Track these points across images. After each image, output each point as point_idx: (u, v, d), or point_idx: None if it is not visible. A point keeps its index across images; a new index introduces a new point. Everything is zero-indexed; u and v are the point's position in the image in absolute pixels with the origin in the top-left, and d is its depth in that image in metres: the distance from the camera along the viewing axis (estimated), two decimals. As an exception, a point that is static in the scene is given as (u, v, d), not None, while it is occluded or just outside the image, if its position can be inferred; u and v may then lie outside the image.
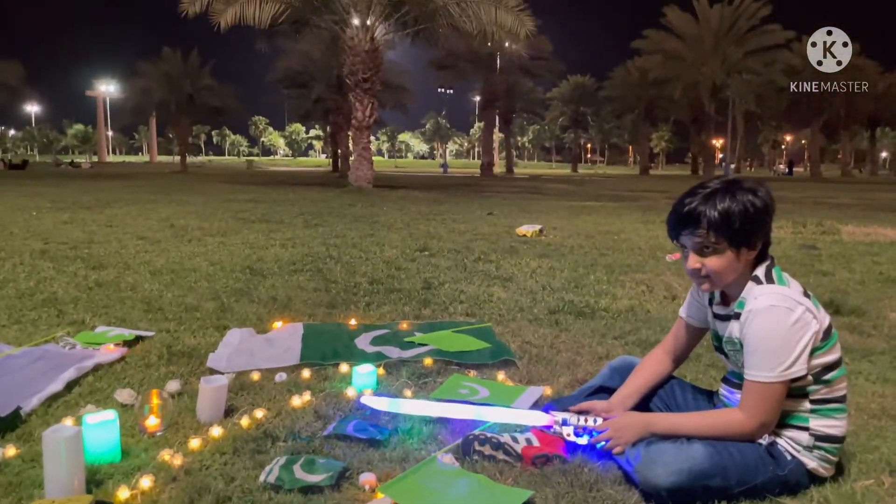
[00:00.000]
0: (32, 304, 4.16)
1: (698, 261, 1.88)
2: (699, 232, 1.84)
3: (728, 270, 1.88)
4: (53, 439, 1.81)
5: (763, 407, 1.84)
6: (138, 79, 44.90)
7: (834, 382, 1.90)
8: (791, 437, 1.90)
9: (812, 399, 1.89)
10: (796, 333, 1.79)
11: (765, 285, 1.87)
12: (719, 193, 1.85)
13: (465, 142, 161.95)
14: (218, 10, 17.53)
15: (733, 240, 1.84)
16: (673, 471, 1.78)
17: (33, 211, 10.63)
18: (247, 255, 6.27)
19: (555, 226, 9.42)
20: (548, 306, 4.30)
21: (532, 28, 18.44)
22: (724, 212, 1.81)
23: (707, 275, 1.89)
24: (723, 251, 1.85)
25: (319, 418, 2.40)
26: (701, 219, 1.83)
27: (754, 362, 1.83)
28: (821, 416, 1.89)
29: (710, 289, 1.95)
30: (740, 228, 1.82)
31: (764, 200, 1.87)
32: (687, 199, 1.89)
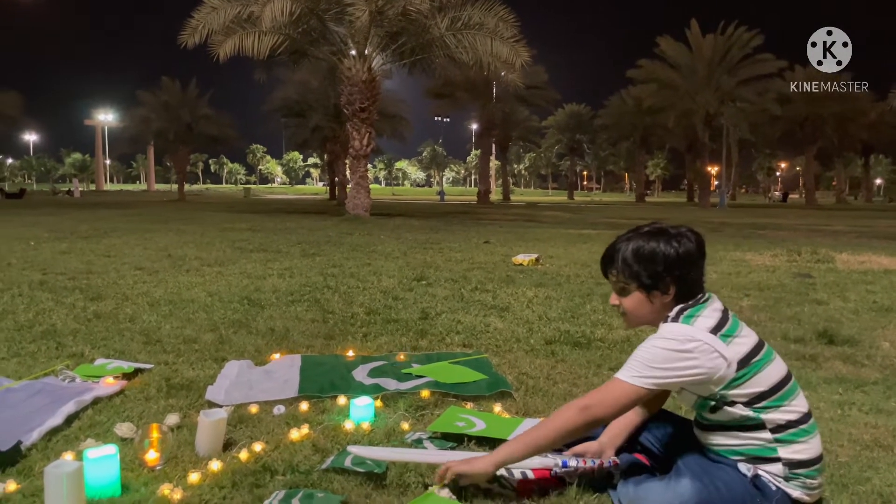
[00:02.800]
0: (31, 336, 4.18)
1: (617, 298, 2.07)
2: (612, 271, 2.03)
3: (639, 311, 2.03)
4: (55, 475, 1.83)
5: (598, 398, 1.93)
6: (137, 108, 45.33)
7: (781, 407, 1.90)
8: (767, 470, 1.92)
9: (770, 428, 1.91)
10: (674, 357, 1.86)
11: (669, 324, 1.95)
12: (639, 238, 2.00)
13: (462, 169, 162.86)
14: (217, 42, 17.75)
15: (641, 283, 1.97)
16: None
17: (31, 241, 10.65)
18: (245, 286, 6.30)
19: (551, 254, 9.48)
20: (544, 336, 4.33)
21: (527, 59, 18.71)
22: (632, 255, 1.97)
23: (624, 312, 2.06)
24: (632, 292, 2.00)
25: (317, 451, 2.42)
26: (616, 260, 2.00)
27: (626, 365, 1.94)
28: (786, 443, 1.90)
29: (630, 325, 2.11)
30: (646, 273, 1.96)
31: (684, 249, 1.96)
32: (616, 241, 2.05)
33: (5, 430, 2.49)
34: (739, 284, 6.73)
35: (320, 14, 17.96)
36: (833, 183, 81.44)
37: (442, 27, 18.21)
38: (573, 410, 1.92)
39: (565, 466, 2.10)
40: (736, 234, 15.10)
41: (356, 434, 2.61)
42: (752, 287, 6.56)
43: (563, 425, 1.92)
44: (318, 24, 18.51)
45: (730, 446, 1.96)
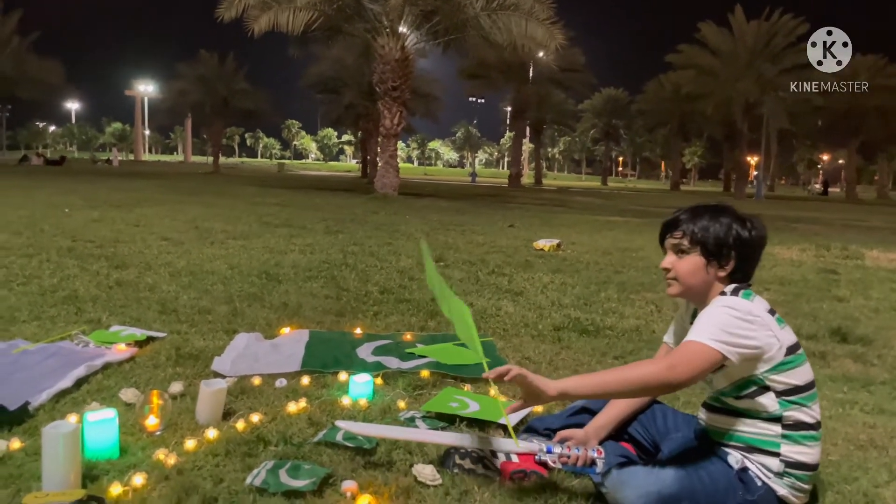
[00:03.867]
0: (53, 300, 4.32)
1: (670, 261, 2.03)
2: (676, 233, 2.01)
3: (692, 277, 1.99)
4: (52, 435, 1.91)
5: (683, 359, 1.84)
6: (175, 80, 45.81)
7: (804, 407, 1.92)
8: (761, 462, 1.93)
9: (784, 424, 1.92)
10: (741, 325, 1.85)
11: (728, 296, 1.95)
12: (709, 210, 2.02)
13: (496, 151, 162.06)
14: (252, 16, 17.85)
15: (705, 248, 1.97)
16: (642, 493, 1.82)
17: (66, 208, 10.91)
18: (265, 260, 6.40)
19: (574, 240, 9.44)
20: (553, 322, 4.34)
21: (562, 41, 18.49)
22: (707, 220, 1.98)
23: (675, 276, 2.02)
24: (691, 255, 1.98)
25: (312, 425, 2.48)
26: (681, 223, 2.00)
27: (695, 330, 1.88)
28: (792, 442, 1.92)
29: (675, 292, 2.05)
30: (713, 241, 1.96)
31: (757, 232, 2.00)
32: (675, 211, 2.07)
33: (16, 391, 2.60)
34: (761, 278, 6.64)
35: (355, -10, 17.94)
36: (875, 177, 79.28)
37: (477, 7, 18.08)
38: (660, 366, 1.86)
39: (549, 452, 2.12)
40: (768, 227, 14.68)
41: (353, 410, 2.66)
42: (773, 281, 6.48)
43: (642, 377, 1.86)
44: (352, 1, 18.49)
45: (735, 431, 1.97)
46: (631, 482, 1.86)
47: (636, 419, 2.27)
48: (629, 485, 1.85)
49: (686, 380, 1.84)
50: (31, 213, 9.92)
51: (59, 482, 1.89)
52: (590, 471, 2.08)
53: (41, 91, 38.96)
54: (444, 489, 2.02)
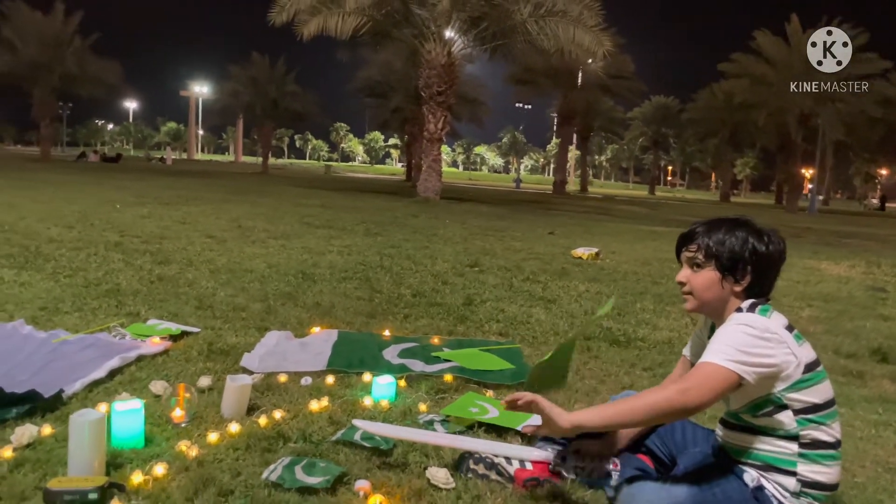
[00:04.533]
0: (97, 293, 4.47)
1: (686, 275, 1.98)
2: (691, 247, 1.97)
3: (707, 292, 1.95)
4: (79, 422, 1.98)
5: (696, 382, 1.80)
6: (228, 81, 46.87)
7: (823, 426, 1.88)
8: (778, 481, 1.89)
9: (802, 442, 1.87)
10: (758, 343, 1.80)
11: (745, 313, 1.90)
12: (726, 223, 1.97)
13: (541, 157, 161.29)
14: (302, 21, 18.18)
15: (719, 262, 1.92)
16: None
17: (117, 204, 11.26)
18: (303, 260, 6.50)
19: (614, 249, 9.34)
20: (584, 331, 4.31)
21: (610, 48, 18.33)
22: (723, 234, 1.93)
23: (689, 290, 1.98)
24: (706, 269, 1.94)
25: (333, 424, 2.52)
26: (696, 236, 1.96)
27: (712, 349, 1.84)
28: (810, 461, 1.87)
29: (691, 307, 2.00)
30: (728, 255, 1.91)
31: (774, 247, 1.93)
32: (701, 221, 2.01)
33: (52, 379, 2.70)
34: (805, 293, 6.48)
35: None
36: (937, 193, 76.35)
37: (525, 13, 18.06)
38: (670, 391, 1.81)
39: (564, 462, 2.12)
40: (817, 242, 14.43)
41: (374, 411, 2.69)
42: (817, 297, 6.30)
43: (655, 405, 1.80)
44: (400, 7, 18.66)
45: (752, 449, 1.93)
46: (642, 497, 1.84)
47: (654, 432, 2.24)
48: (640, 499, 1.83)
49: (700, 403, 1.79)
50: (83, 208, 10.26)
51: (84, 468, 1.96)
52: (604, 482, 2.07)
53: (101, 90, 40.15)
54: (456, 493, 2.03)
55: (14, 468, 2.01)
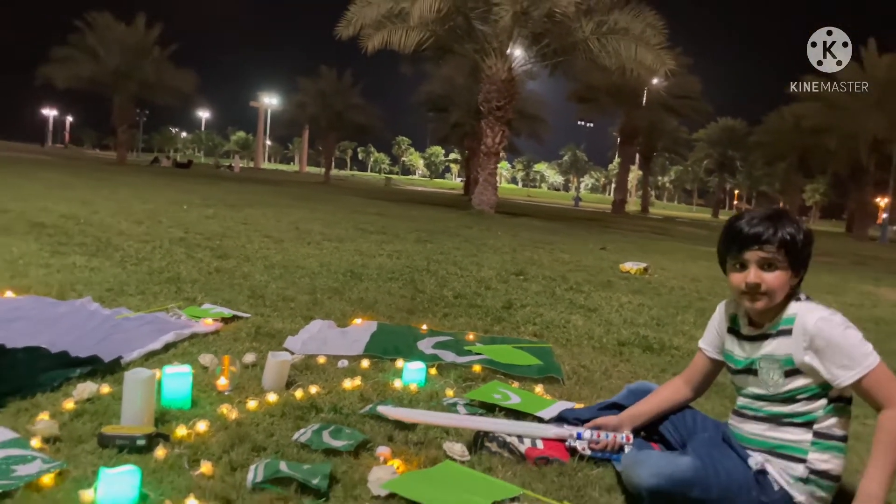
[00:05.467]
0: (159, 280, 4.78)
1: (759, 276, 1.97)
2: (768, 248, 1.95)
3: (782, 287, 1.97)
4: (132, 379, 2.21)
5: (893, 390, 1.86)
6: (296, 93, 48.32)
7: (841, 416, 1.96)
8: (785, 466, 1.96)
9: (816, 431, 1.95)
10: (855, 332, 1.92)
11: (807, 302, 2.00)
12: (783, 218, 1.99)
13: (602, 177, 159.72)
14: (367, 35, 18.69)
15: (793, 259, 1.97)
16: (655, 473, 1.90)
17: (184, 205, 11.80)
18: (353, 261, 6.73)
19: (664, 266, 9.30)
20: (619, 338, 4.38)
21: (672, 67, 18.23)
22: (792, 234, 1.95)
23: (766, 291, 1.96)
24: (784, 269, 1.96)
25: (363, 400, 2.69)
26: (772, 237, 1.94)
27: (851, 360, 1.87)
28: (821, 449, 1.94)
29: (765, 305, 1.99)
30: (801, 251, 1.97)
31: (812, 235, 2.02)
32: (752, 220, 1.99)
33: (113, 348, 2.96)
34: (856, 316, 6.33)
35: (466, 12, 18.44)
36: None
37: (587, 30, 18.15)
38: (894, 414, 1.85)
39: (580, 438, 2.24)
40: (881, 269, 13.98)
41: (402, 392, 2.85)
42: (868, 319, 6.18)
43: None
44: (463, 22, 18.99)
45: (762, 437, 2.03)
46: (647, 462, 1.95)
47: (668, 419, 2.34)
48: (644, 464, 1.94)
49: None
50: (153, 207, 10.81)
51: (135, 420, 2.18)
52: (616, 457, 2.17)
53: (176, 98, 42.04)
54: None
55: (74, 417, 2.24)
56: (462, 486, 1.97)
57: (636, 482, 1.93)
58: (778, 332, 2.00)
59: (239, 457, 2.05)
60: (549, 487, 2.04)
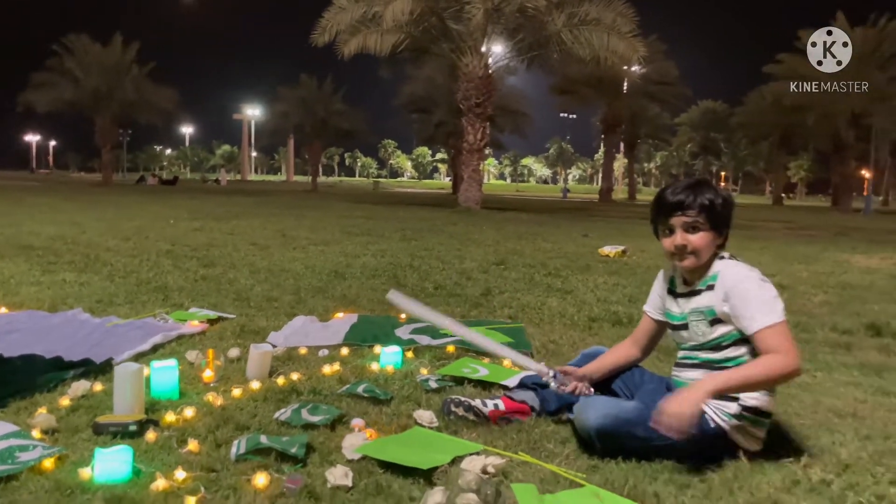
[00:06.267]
0: (146, 290, 4.96)
1: (685, 238, 2.21)
2: (690, 213, 2.19)
3: (707, 247, 2.22)
4: (122, 371, 2.39)
5: (789, 342, 2.09)
6: (278, 103, 48.37)
7: None
8: (719, 404, 2.16)
9: None
10: (770, 288, 2.14)
11: (730, 260, 2.24)
12: (703, 186, 2.25)
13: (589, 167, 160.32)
14: (343, 41, 18.86)
15: (714, 222, 2.21)
16: (601, 414, 2.11)
17: (171, 220, 11.96)
18: (338, 262, 6.92)
19: (643, 248, 9.50)
20: (590, 314, 4.59)
21: (644, 53, 18.48)
22: (711, 199, 2.20)
23: (693, 250, 2.21)
24: (706, 230, 2.20)
25: (341, 383, 2.87)
26: (693, 203, 2.19)
27: (757, 313, 2.09)
28: None
29: (693, 263, 2.23)
30: (720, 213, 2.21)
31: (731, 199, 2.28)
32: (675, 189, 2.26)
33: (104, 352, 3.14)
34: (825, 282, 6.58)
35: (439, 12, 18.62)
36: None
37: (559, 23, 18.37)
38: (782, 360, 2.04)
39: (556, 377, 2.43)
40: (861, 239, 14.22)
41: (379, 375, 3.04)
42: (835, 285, 6.41)
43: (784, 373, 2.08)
44: (437, 22, 19.18)
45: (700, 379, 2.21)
46: (594, 404, 2.16)
47: (619, 377, 2.54)
48: (592, 407, 2.15)
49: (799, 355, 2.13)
50: (140, 223, 10.97)
51: (126, 410, 2.36)
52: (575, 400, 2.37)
53: (158, 116, 42.08)
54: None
55: (70, 412, 2.43)
56: (428, 446, 2.16)
57: (585, 424, 2.14)
58: (706, 288, 2.23)
59: (224, 435, 2.24)
60: (508, 443, 2.23)
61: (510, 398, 2.49)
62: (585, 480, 1.96)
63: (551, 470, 2.03)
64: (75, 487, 1.83)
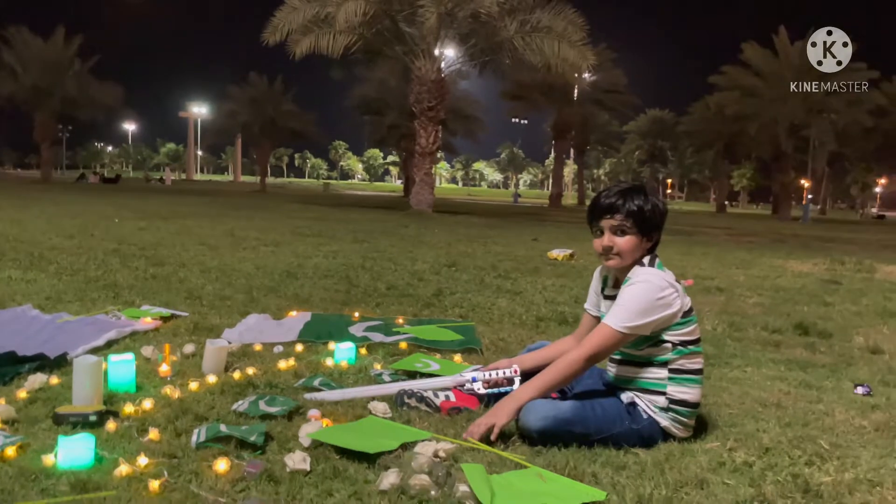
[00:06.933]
0: (96, 287, 4.93)
1: (612, 240, 2.38)
2: (618, 217, 2.36)
3: (632, 250, 2.38)
4: (81, 363, 2.43)
5: (598, 344, 2.33)
6: (226, 102, 47.70)
7: (690, 356, 2.36)
8: (650, 399, 2.35)
9: (670, 368, 2.34)
10: (657, 305, 2.29)
11: (646, 268, 2.38)
12: (634, 192, 2.40)
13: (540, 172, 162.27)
14: (294, 41, 18.79)
15: (641, 227, 2.36)
16: (541, 416, 2.25)
17: (116, 219, 11.75)
18: (290, 262, 6.95)
19: (590, 252, 9.76)
20: (538, 314, 4.76)
21: (594, 62, 18.95)
22: (639, 205, 2.35)
23: (618, 252, 2.38)
24: (633, 234, 2.36)
25: (296, 377, 2.96)
26: (622, 207, 2.35)
27: (614, 311, 2.32)
28: (676, 383, 2.34)
29: (617, 264, 2.41)
30: (648, 219, 2.36)
31: (663, 206, 2.44)
32: (608, 193, 2.43)
33: (58, 346, 3.15)
34: (759, 286, 6.92)
35: (393, 15, 18.74)
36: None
37: (511, 29, 18.68)
38: (581, 362, 2.32)
39: (474, 381, 2.57)
40: (797, 245, 14.88)
41: (334, 369, 3.13)
42: (769, 288, 6.75)
43: (572, 371, 2.35)
44: (390, 25, 19.28)
45: (631, 376, 2.43)
46: (534, 408, 2.29)
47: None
48: (532, 411, 2.28)
49: (601, 359, 2.39)
50: (84, 221, 10.75)
51: (85, 401, 2.41)
52: (508, 390, 2.50)
53: (100, 112, 41.13)
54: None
55: (29, 403, 2.45)
56: (380, 433, 2.27)
57: (527, 426, 2.27)
58: (624, 288, 2.39)
59: (183, 425, 2.30)
60: (458, 432, 2.35)
61: (460, 390, 2.62)
62: (529, 463, 2.10)
63: (498, 454, 2.16)
64: (39, 473, 1.88)
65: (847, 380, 3.34)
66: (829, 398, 3.00)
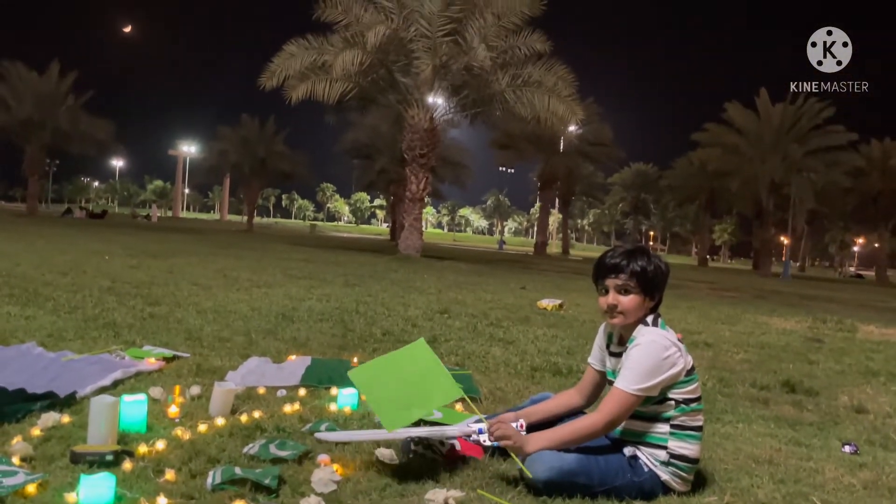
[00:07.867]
0: (95, 326, 4.96)
1: (616, 299, 2.50)
2: (623, 277, 2.48)
3: (636, 309, 2.50)
4: (98, 403, 2.49)
5: (615, 409, 2.41)
6: (217, 141, 47.98)
7: (692, 413, 2.45)
8: (651, 452, 2.44)
9: (672, 424, 2.44)
10: (663, 365, 2.40)
11: (650, 327, 2.49)
12: (638, 253, 2.53)
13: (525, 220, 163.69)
14: (291, 86, 19.13)
15: (645, 287, 2.48)
16: (547, 468, 2.33)
17: (106, 256, 11.75)
18: (284, 305, 7.00)
19: (578, 302, 9.91)
20: (532, 364, 4.84)
21: (582, 116, 19.40)
22: (643, 266, 2.48)
23: (622, 311, 2.50)
24: (636, 293, 2.48)
25: (302, 421, 3.02)
26: (626, 268, 2.48)
27: (625, 375, 2.42)
28: (678, 438, 2.43)
29: (621, 322, 2.52)
30: (651, 280, 2.48)
31: (665, 267, 2.57)
32: (612, 254, 2.57)
33: (66, 385, 3.20)
34: (744, 342, 7.05)
35: (388, 65, 19.17)
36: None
37: (503, 83, 19.14)
38: (601, 426, 2.41)
39: (481, 432, 2.64)
40: (778, 302, 15.11)
41: (337, 414, 3.19)
42: (754, 345, 6.88)
43: (591, 434, 2.43)
44: (386, 75, 19.71)
45: (634, 430, 2.52)
46: (540, 459, 2.37)
47: (562, 421, 2.77)
48: (538, 462, 2.36)
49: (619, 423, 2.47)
50: (74, 258, 10.75)
51: (100, 441, 2.46)
52: None
53: (91, 147, 41.06)
54: (398, 466, 2.53)
55: (44, 441, 2.50)
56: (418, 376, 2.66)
57: (533, 476, 2.35)
58: (630, 349, 2.50)
59: (197, 466, 2.36)
60: (465, 479, 2.43)
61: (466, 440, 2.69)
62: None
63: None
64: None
65: (834, 438, 3.45)
66: (819, 456, 3.10)
